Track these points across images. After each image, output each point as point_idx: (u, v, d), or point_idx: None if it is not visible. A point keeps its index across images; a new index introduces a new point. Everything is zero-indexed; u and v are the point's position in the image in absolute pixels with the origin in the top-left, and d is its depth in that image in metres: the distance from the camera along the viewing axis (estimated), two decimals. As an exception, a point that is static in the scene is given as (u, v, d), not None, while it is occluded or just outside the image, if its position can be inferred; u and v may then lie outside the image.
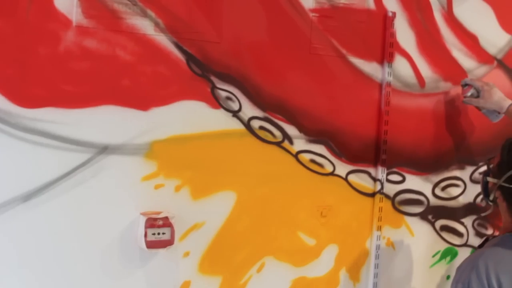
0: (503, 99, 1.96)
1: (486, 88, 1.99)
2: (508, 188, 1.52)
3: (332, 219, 1.93)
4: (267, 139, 1.80)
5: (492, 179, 1.59)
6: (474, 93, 2.01)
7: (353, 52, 1.93)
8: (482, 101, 1.98)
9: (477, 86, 2.00)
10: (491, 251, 1.47)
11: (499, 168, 1.58)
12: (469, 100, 2.02)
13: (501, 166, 1.57)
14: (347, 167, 1.95)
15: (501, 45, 2.29)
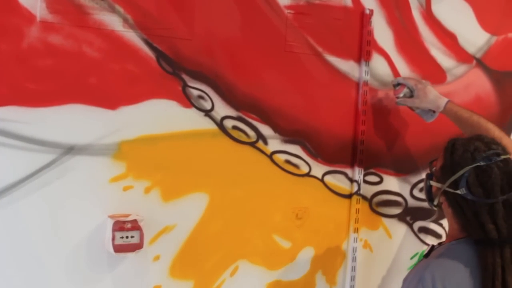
0: (438, 97, 1.85)
1: (420, 86, 1.87)
2: (453, 194, 1.43)
3: (307, 221, 1.92)
4: (241, 139, 1.77)
5: (436, 184, 1.50)
6: (407, 92, 1.89)
7: (330, 50, 1.91)
8: (418, 100, 1.87)
9: (411, 85, 1.88)
10: (437, 261, 1.41)
11: (442, 172, 1.48)
12: (403, 101, 1.90)
13: (444, 170, 1.47)
14: (323, 168, 1.93)
15: (480, 44, 2.29)
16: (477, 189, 1.38)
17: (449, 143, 1.50)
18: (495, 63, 2.34)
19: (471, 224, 1.40)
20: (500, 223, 1.36)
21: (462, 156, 1.42)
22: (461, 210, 1.42)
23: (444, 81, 2.20)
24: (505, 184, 1.37)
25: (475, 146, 1.43)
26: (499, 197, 1.36)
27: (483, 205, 1.38)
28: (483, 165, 1.38)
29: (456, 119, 1.81)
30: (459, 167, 1.42)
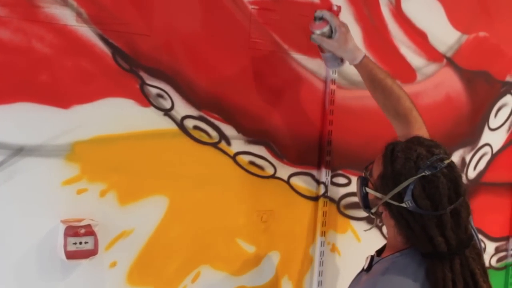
0: (357, 48, 1.68)
1: (343, 30, 1.66)
2: (396, 207, 1.32)
3: (273, 224, 1.88)
4: (202, 140, 1.73)
5: (374, 193, 1.38)
6: (327, 31, 1.66)
7: (296, 48, 1.88)
8: (336, 44, 1.66)
9: (335, 24, 1.65)
10: (385, 279, 1.33)
11: (382, 182, 1.36)
12: (319, 39, 1.67)
13: (385, 180, 1.35)
14: (289, 169, 1.90)
15: (450, 43, 2.29)
16: (424, 201, 1.28)
17: (387, 149, 1.39)
18: (466, 62, 2.35)
19: (418, 237, 1.31)
20: (449, 235, 1.29)
21: (405, 166, 1.31)
22: (406, 223, 1.33)
23: (414, 80, 2.19)
24: (452, 193, 1.29)
25: (418, 153, 1.31)
26: (447, 208, 1.28)
27: (431, 217, 1.28)
28: (428, 175, 1.28)
29: (369, 77, 1.67)
30: (402, 178, 1.30)
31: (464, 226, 1.33)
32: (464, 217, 1.33)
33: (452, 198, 1.29)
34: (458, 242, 1.30)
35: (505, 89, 2.52)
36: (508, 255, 2.62)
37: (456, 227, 1.30)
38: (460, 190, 1.31)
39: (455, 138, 2.34)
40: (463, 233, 1.32)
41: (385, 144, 1.41)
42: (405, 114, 1.64)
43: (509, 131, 2.56)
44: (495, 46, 2.45)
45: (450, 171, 1.31)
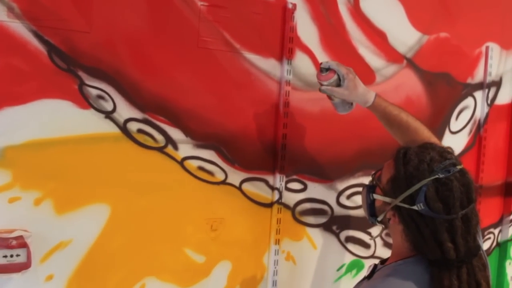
0: (367, 90, 1.70)
1: (351, 77, 1.68)
2: (407, 210, 1.32)
3: (224, 233, 1.83)
4: (147, 144, 1.67)
5: (384, 198, 1.38)
6: (335, 81, 1.68)
7: (248, 47, 1.83)
8: (347, 92, 1.68)
9: (342, 73, 1.67)
10: (384, 285, 1.32)
11: (394, 185, 1.36)
12: (329, 90, 1.69)
13: (396, 183, 1.35)
14: (241, 174, 1.86)
15: (411, 43, 2.28)
16: (437, 204, 1.28)
17: (399, 152, 1.38)
18: (427, 63, 2.34)
19: (427, 243, 1.30)
20: (458, 241, 1.28)
21: (418, 168, 1.31)
22: (416, 227, 1.32)
23: (373, 81, 2.17)
24: (464, 198, 1.29)
25: (431, 157, 1.32)
26: (459, 213, 1.28)
27: (442, 222, 1.28)
28: (442, 178, 1.28)
29: (383, 116, 1.70)
30: (415, 180, 1.30)
31: (473, 234, 1.33)
32: (474, 225, 1.33)
33: (464, 203, 1.30)
34: (466, 250, 1.31)
35: (467, 91, 2.52)
36: (469, 260, 2.62)
37: (466, 234, 1.31)
38: (472, 196, 1.32)
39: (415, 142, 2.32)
40: (472, 241, 1.32)
41: (396, 149, 1.41)
42: None
43: (471, 134, 2.56)
44: (456, 47, 2.45)
45: (462, 176, 1.32)
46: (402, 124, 1.66)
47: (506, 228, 2.77)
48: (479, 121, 2.59)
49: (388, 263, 1.41)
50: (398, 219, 1.36)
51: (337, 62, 1.69)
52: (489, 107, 2.62)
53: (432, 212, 1.28)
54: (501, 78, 2.68)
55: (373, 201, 1.43)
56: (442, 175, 1.28)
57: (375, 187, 1.43)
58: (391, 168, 1.38)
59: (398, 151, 1.39)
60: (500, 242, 2.78)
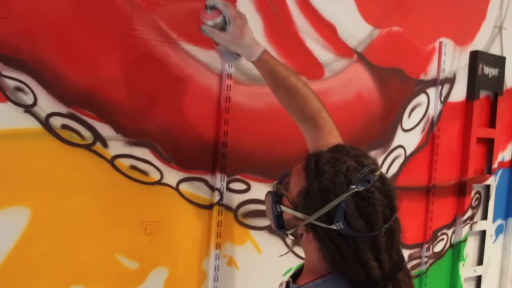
0: (255, 42, 1.53)
1: (239, 22, 1.50)
2: (325, 229, 1.18)
3: (159, 237, 1.74)
4: (73, 141, 1.56)
5: (294, 212, 1.24)
6: (220, 23, 1.52)
7: (186, 37, 1.74)
8: (229, 38, 1.51)
9: (229, 15, 1.50)
10: None
11: (306, 200, 1.22)
12: (211, 31, 1.52)
13: (309, 198, 1.20)
14: (178, 174, 1.77)
15: (361, 37, 2.23)
16: (358, 222, 1.15)
17: (310, 161, 1.23)
18: (378, 58, 2.30)
19: (348, 264, 1.19)
20: (383, 258, 1.18)
21: (335, 181, 1.17)
22: (335, 247, 1.19)
23: (321, 76, 2.11)
24: (387, 209, 1.18)
25: (347, 166, 1.19)
26: (383, 227, 1.16)
27: (365, 240, 1.16)
28: (362, 191, 1.16)
29: (269, 75, 1.55)
30: (331, 196, 1.17)
31: (397, 246, 1.23)
32: (397, 237, 1.23)
33: (387, 216, 1.19)
34: (392, 266, 1.20)
35: (419, 88, 2.49)
36: (422, 262, 2.60)
37: (390, 249, 1.20)
38: (394, 205, 1.21)
39: (366, 140, 2.28)
40: (396, 255, 1.22)
41: (306, 156, 1.28)
42: (313, 115, 1.54)
43: (424, 132, 2.54)
44: (409, 42, 2.42)
45: (383, 184, 1.20)
46: (290, 88, 1.53)
47: (459, 229, 2.76)
48: (432, 119, 2.57)
49: (303, 281, 1.28)
50: (312, 237, 1.23)
51: (225, 2, 1.52)
52: (443, 105, 2.60)
53: (353, 231, 1.15)
54: (455, 75, 2.67)
55: (281, 213, 1.29)
56: (361, 187, 1.16)
57: (282, 196, 1.29)
58: (302, 179, 1.24)
59: (309, 159, 1.24)
60: (453, 243, 2.77)
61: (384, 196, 1.18)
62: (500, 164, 3.00)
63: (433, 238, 2.64)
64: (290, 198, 1.27)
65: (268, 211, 1.34)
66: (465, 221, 2.76)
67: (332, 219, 1.17)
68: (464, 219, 2.75)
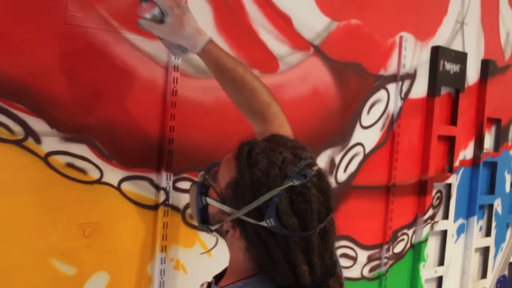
0: (198, 32, 1.45)
1: (177, 12, 1.42)
2: (254, 226, 1.10)
3: (99, 240, 1.65)
4: (1, 137, 1.46)
5: (221, 206, 1.16)
6: (157, 15, 1.44)
7: (129, 26, 1.66)
8: (168, 30, 1.44)
9: (164, 5, 1.42)
10: None
11: (235, 193, 1.13)
12: (148, 24, 1.44)
13: (239, 190, 1.12)
14: (120, 172, 1.68)
15: (318, 30, 2.18)
16: (291, 219, 1.08)
17: (242, 149, 1.15)
18: (336, 52, 2.25)
19: (276, 266, 1.11)
20: (315, 261, 1.11)
21: (268, 173, 1.09)
22: (263, 247, 1.11)
23: (276, 70, 2.05)
24: (323, 208, 1.12)
25: (283, 157, 1.11)
26: (317, 227, 1.11)
27: (297, 240, 1.09)
28: (297, 185, 1.08)
29: (215, 67, 1.47)
30: (264, 189, 1.09)
31: (330, 250, 1.16)
32: (332, 239, 1.16)
33: (322, 215, 1.11)
34: (324, 270, 1.13)
35: (379, 83, 2.46)
36: (381, 263, 2.57)
37: (323, 252, 1.13)
38: (331, 204, 1.14)
39: (323, 137, 2.23)
40: (329, 259, 1.15)
41: (239, 143, 1.19)
42: (262, 110, 1.47)
43: (383, 129, 2.50)
44: (368, 35, 2.38)
45: (320, 180, 1.13)
46: (237, 80, 1.45)
47: (420, 228, 2.74)
48: (392, 115, 2.54)
49: (225, 283, 1.20)
50: (239, 233, 1.15)
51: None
52: (403, 101, 2.57)
53: (285, 230, 1.08)
54: (416, 71, 2.65)
55: (206, 206, 1.20)
56: (297, 181, 1.08)
57: (209, 188, 1.21)
58: (232, 169, 1.15)
59: (241, 147, 1.16)
60: (414, 243, 2.75)
61: (321, 193, 1.12)
62: (462, 162, 3.00)
63: (393, 239, 2.61)
64: (217, 189, 1.18)
65: (192, 204, 1.26)
66: (426, 221, 2.74)
67: (262, 215, 1.09)
68: (424, 218, 2.73)
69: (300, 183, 1.09)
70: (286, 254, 1.10)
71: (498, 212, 3.29)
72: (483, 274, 3.29)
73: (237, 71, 1.46)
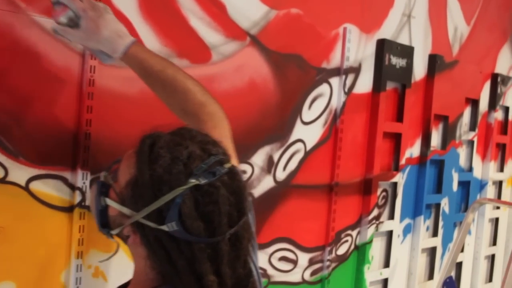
0: (118, 34, 1.35)
1: (91, 14, 1.31)
2: (154, 231, 1.01)
3: (4, 246, 1.51)
4: None
5: (120, 207, 1.06)
6: (72, 19, 1.34)
7: (39, 8, 1.52)
8: (83, 35, 1.33)
9: (76, 8, 1.32)
10: None
11: (134, 192, 1.04)
12: (62, 30, 1.34)
13: (138, 190, 1.03)
14: (29, 171, 1.55)
15: (255, 18, 2.08)
16: (196, 223, 1.00)
17: (143, 143, 1.07)
18: (275, 42, 2.17)
19: (180, 276, 1.02)
20: (224, 271, 1.03)
21: (171, 170, 1.01)
22: (165, 255, 1.03)
23: (208, 60, 1.95)
24: (234, 211, 1.04)
25: (189, 152, 1.03)
26: (227, 232, 1.03)
27: (203, 247, 1.01)
28: (204, 185, 1.01)
29: (142, 72, 1.39)
30: (165, 188, 1.01)
31: (244, 258, 1.08)
32: (245, 246, 1.08)
33: (233, 219, 1.04)
34: (235, 281, 1.05)
35: (321, 77, 2.38)
36: (324, 266, 2.49)
37: (235, 260, 1.05)
38: (244, 206, 1.06)
39: (260, 133, 2.14)
40: (242, 268, 1.07)
41: (141, 136, 1.10)
42: (195, 112, 1.38)
43: (326, 125, 2.43)
44: (309, 26, 2.30)
45: (232, 179, 1.05)
46: (166, 83, 1.37)
47: (364, 229, 2.68)
48: (335, 111, 2.46)
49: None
50: (140, 240, 1.06)
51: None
52: (347, 96, 2.50)
53: (188, 235, 1.00)
54: (360, 64, 2.58)
55: (105, 207, 1.11)
56: (204, 180, 1.01)
57: (110, 187, 1.11)
58: (132, 166, 1.06)
59: (143, 141, 1.07)
60: (358, 245, 2.69)
61: (232, 194, 1.03)
62: (408, 160, 2.96)
63: (336, 240, 2.54)
64: (116, 189, 1.09)
65: (92, 206, 1.16)
66: (370, 221, 2.68)
67: (163, 217, 1.01)
68: (369, 219, 2.67)
69: (207, 182, 1.01)
70: (191, 263, 1.01)
71: (445, 212, 3.27)
72: (430, 275, 3.27)
73: (166, 73, 1.36)
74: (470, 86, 3.43)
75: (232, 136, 1.38)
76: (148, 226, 1.02)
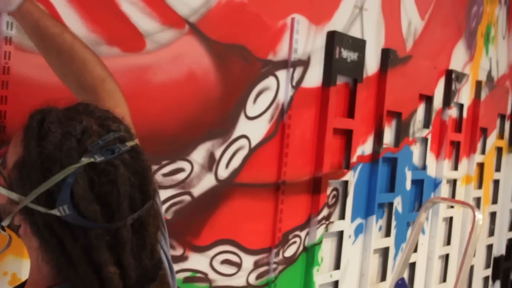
0: None
1: None
2: (44, 215, 0.91)
3: None
4: None
5: (8, 192, 0.94)
6: None
7: None
8: None
9: None
10: None
11: (22, 173, 0.94)
12: None
13: (26, 170, 0.93)
14: None
15: (195, 5, 1.97)
16: (91, 206, 0.90)
17: (32, 118, 0.98)
18: (216, 32, 2.06)
19: (76, 268, 0.92)
20: (127, 261, 0.93)
21: (61, 146, 0.91)
22: (57, 244, 0.92)
23: (141, 48, 1.83)
24: (137, 194, 0.94)
25: (84, 127, 0.94)
26: (128, 217, 0.93)
27: (100, 234, 0.91)
28: (100, 163, 0.91)
29: (36, 32, 1.26)
30: (56, 167, 0.91)
31: (151, 247, 0.98)
32: (152, 233, 0.99)
33: (136, 202, 0.94)
34: (140, 273, 0.95)
35: (267, 69, 2.29)
36: (270, 269, 2.40)
37: (140, 249, 0.95)
38: (149, 189, 0.97)
39: (200, 128, 2.03)
40: (149, 259, 0.98)
41: (30, 112, 1.00)
42: (94, 86, 1.26)
43: (272, 120, 2.34)
44: (254, 15, 2.20)
45: (134, 159, 0.96)
46: (64, 49, 1.25)
47: (314, 230, 2.60)
48: (283, 105, 2.38)
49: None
50: (30, 228, 0.95)
51: None
52: (295, 90, 2.41)
53: (83, 219, 0.90)
54: (309, 57, 2.50)
55: None
56: (100, 158, 0.91)
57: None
58: (19, 145, 0.96)
59: (32, 117, 0.98)
60: (307, 246, 2.61)
61: (134, 174, 0.94)
62: (360, 158, 2.90)
63: (283, 242, 2.46)
64: (4, 173, 0.97)
65: None
66: (320, 221, 2.60)
67: (54, 200, 0.90)
68: (319, 219, 2.59)
69: (104, 160, 0.91)
70: (87, 252, 0.91)
71: (398, 211, 3.23)
72: (383, 277, 3.22)
73: (64, 37, 1.24)
74: (424, 82, 3.40)
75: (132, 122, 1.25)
76: (37, 212, 0.91)
